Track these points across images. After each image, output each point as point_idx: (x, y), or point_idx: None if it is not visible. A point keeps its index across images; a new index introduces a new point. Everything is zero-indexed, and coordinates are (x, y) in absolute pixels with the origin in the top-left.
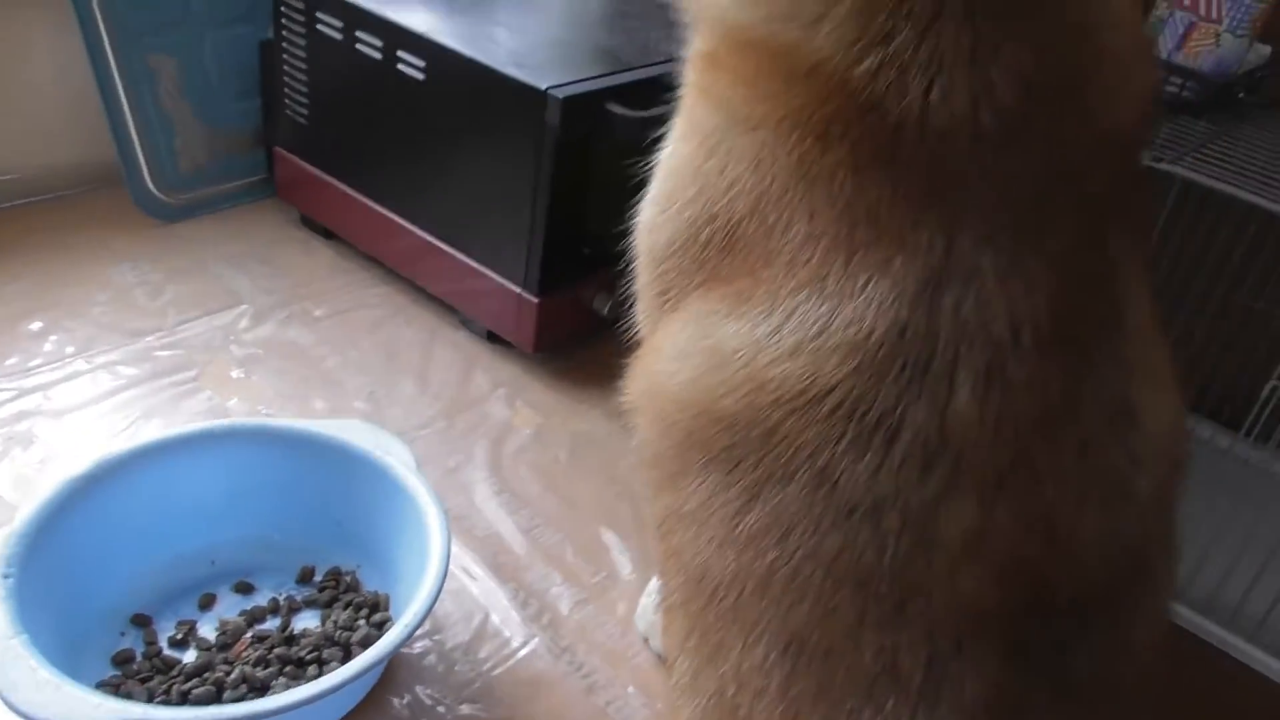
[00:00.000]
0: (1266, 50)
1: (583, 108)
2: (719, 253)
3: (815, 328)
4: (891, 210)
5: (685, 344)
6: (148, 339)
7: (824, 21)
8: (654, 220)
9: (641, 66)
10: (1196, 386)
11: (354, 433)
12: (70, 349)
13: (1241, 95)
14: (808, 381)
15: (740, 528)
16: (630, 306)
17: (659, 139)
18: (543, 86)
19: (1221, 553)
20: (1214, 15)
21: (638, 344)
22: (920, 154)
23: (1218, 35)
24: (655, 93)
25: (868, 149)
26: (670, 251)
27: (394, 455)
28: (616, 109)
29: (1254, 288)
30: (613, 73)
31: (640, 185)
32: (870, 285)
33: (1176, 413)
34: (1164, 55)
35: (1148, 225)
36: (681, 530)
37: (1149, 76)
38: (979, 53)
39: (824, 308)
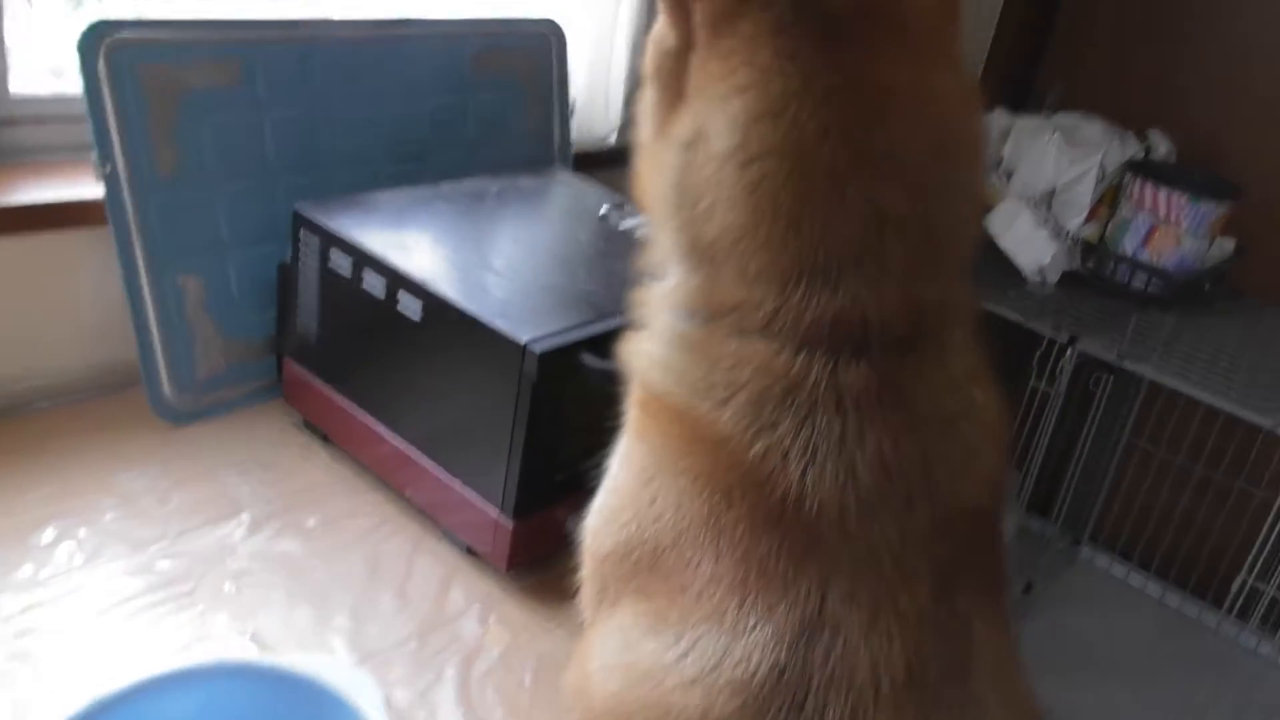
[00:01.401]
0: (1230, 244)
1: (558, 359)
2: (646, 570)
3: (711, 661)
4: (778, 563)
5: (611, 655)
6: (151, 549)
7: (728, 405)
8: (598, 527)
9: (616, 314)
10: (1181, 565)
11: (329, 671)
12: (79, 559)
13: (1207, 287)
14: (700, 714)
15: None
16: (578, 588)
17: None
18: (523, 340)
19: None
20: (1173, 218)
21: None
22: (799, 520)
23: (1178, 236)
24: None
25: (761, 511)
26: (609, 558)
27: (364, 697)
28: (589, 360)
29: (1229, 469)
30: (589, 322)
31: (607, 420)
32: (757, 629)
33: None
34: (1129, 253)
35: (999, 582)
36: None
37: (996, 459)
38: (847, 441)
39: (720, 643)
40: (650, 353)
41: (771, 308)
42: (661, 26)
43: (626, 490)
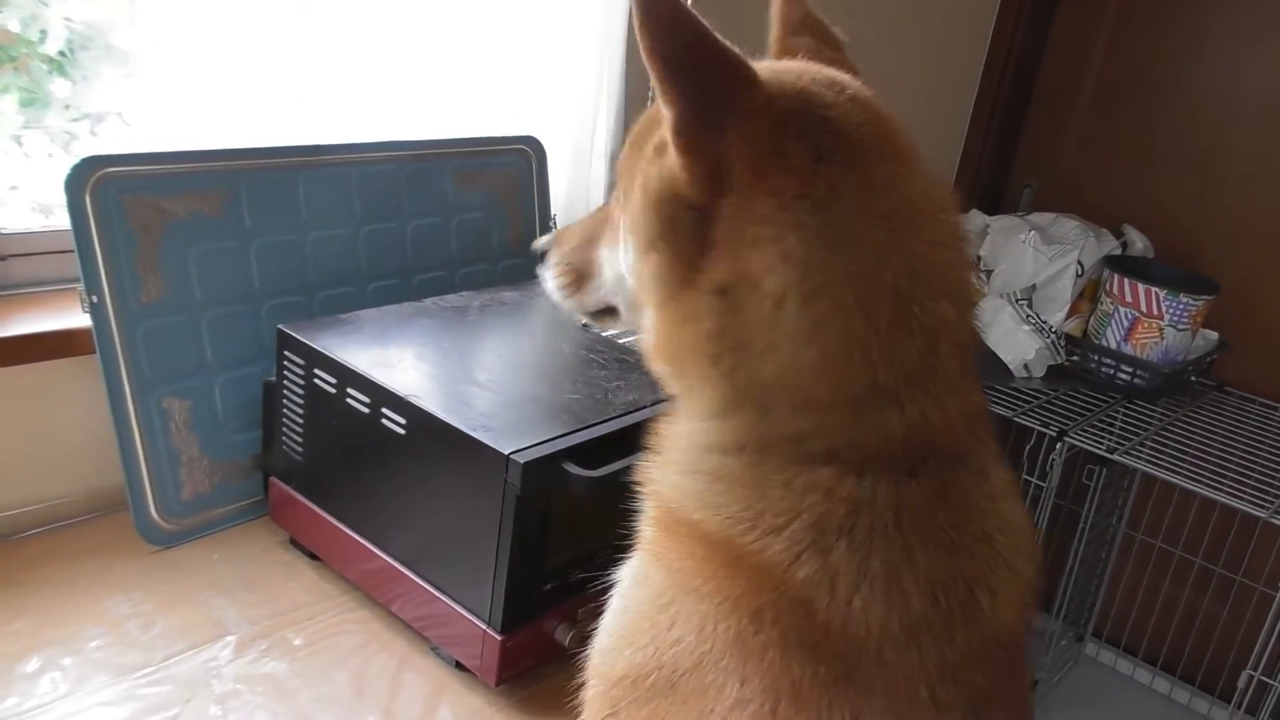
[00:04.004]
0: (1214, 336)
1: (541, 469)
2: (662, 694)
3: None
4: (811, 689)
5: None
6: (135, 676)
7: (780, 533)
8: (608, 648)
9: (599, 423)
10: (1188, 659)
11: None
12: (64, 688)
13: (1193, 379)
14: None
15: None
16: (580, 709)
17: (612, 490)
18: (506, 451)
19: None
20: (1155, 311)
21: None
22: (838, 646)
23: (1161, 329)
24: (609, 449)
25: (795, 635)
26: (621, 681)
27: None
28: (572, 469)
29: (1229, 561)
30: (572, 432)
31: (593, 530)
32: None
33: None
34: (1113, 346)
35: (1025, 708)
36: None
37: (1030, 580)
38: (900, 565)
39: None
40: (679, 483)
41: (838, 434)
42: (668, 186)
43: (642, 612)
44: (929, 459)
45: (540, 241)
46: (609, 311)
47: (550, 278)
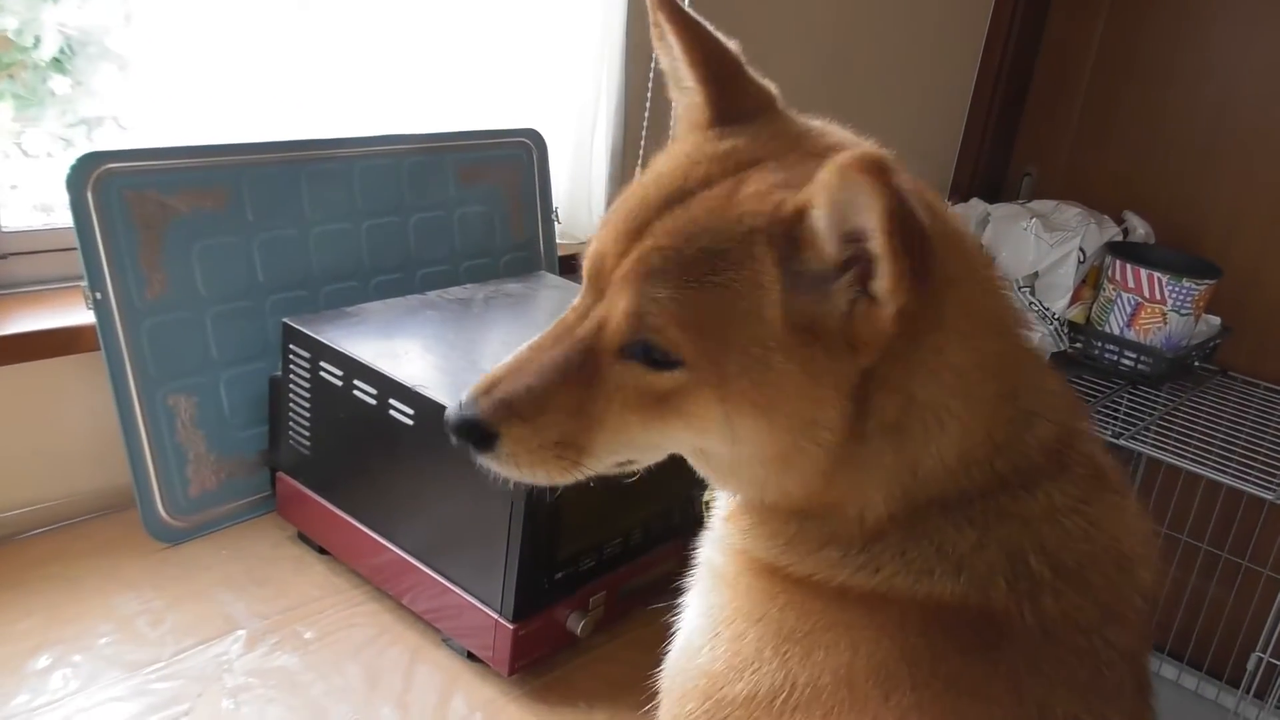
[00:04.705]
0: (1216, 320)
1: None
2: (803, 709)
3: None
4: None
5: None
6: (146, 671)
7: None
8: (718, 671)
9: None
10: (1196, 644)
11: None
12: (75, 685)
13: (1196, 364)
14: None
15: None
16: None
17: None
18: None
19: None
20: (1158, 297)
21: None
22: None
23: (1164, 314)
24: None
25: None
26: (760, 701)
27: None
28: None
29: (1235, 545)
30: None
31: (602, 517)
32: None
33: None
34: (1116, 332)
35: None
36: None
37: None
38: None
39: None
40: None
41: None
42: (845, 361)
43: (765, 641)
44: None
45: (461, 415)
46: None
47: (527, 463)
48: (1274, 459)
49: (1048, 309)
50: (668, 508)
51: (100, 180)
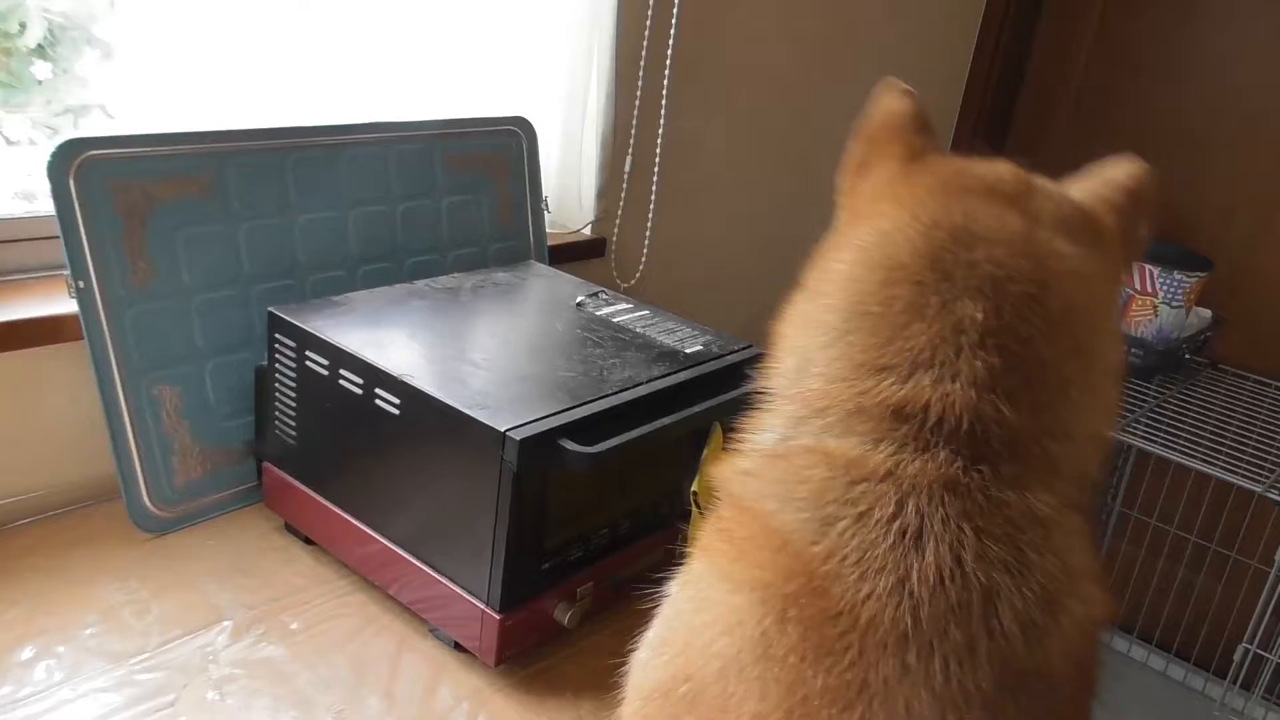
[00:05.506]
0: (1208, 313)
1: (538, 446)
2: (686, 709)
3: None
4: (822, 699)
5: None
6: (131, 662)
7: (791, 502)
8: (647, 661)
9: (594, 400)
10: (1183, 635)
11: None
12: (59, 676)
13: (1187, 357)
14: None
15: None
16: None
17: (608, 467)
18: (502, 428)
19: None
20: (1149, 289)
21: None
22: (854, 646)
23: (1155, 307)
24: (605, 426)
25: (813, 639)
26: (653, 695)
27: None
28: (568, 446)
29: (1223, 537)
30: (567, 409)
31: (589, 507)
32: None
33: None
34: None
35: None
36: None
37: (1107, 610)
38: (903, 547)
39: None
40: (743, 466)
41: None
42: None
43: (680, 619)
44: (939, 442)
45: None
46: None
47: None
48: (1263, 452)
49: None
50: (656, 498)
51: (82, 168)
